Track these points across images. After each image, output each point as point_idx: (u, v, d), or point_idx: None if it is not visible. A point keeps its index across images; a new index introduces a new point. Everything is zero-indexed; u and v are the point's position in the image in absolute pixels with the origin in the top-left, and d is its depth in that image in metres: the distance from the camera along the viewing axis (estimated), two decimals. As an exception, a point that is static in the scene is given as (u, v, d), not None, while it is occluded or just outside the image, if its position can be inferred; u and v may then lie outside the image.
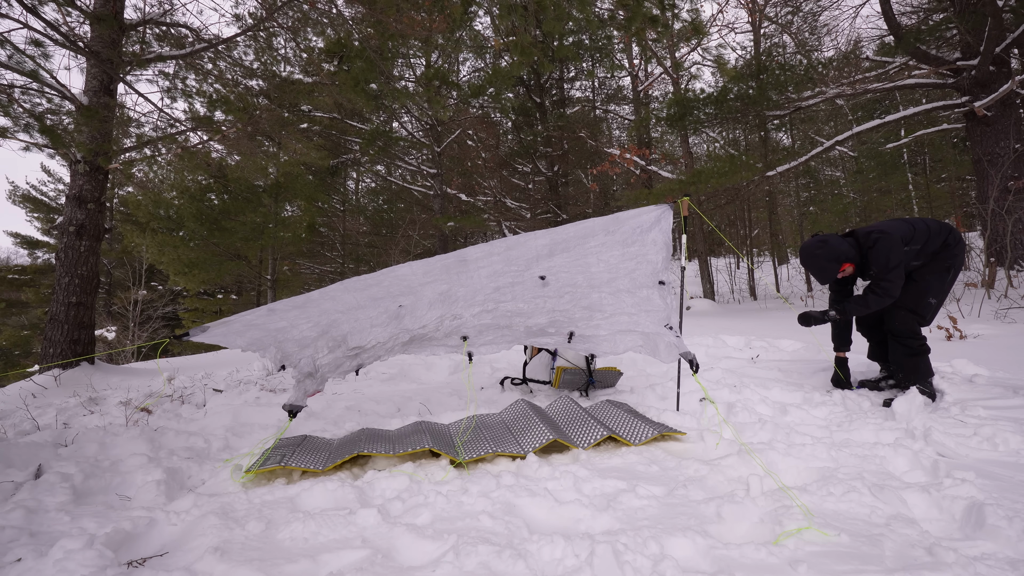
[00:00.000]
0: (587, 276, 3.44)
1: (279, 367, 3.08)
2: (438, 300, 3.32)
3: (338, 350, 3.20)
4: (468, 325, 3.40)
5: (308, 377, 3.08)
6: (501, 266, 3.31)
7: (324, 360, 3.16)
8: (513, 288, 3.41)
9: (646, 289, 3.41)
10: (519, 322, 3.48)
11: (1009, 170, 8.49)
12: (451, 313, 3.36)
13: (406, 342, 3.34)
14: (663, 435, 2.90)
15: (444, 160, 16.28)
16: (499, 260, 3.29)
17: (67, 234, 6.70)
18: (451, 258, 3.21)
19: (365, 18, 6.93)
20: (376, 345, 3.26)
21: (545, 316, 3.50)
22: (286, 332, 3.11)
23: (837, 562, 1.68)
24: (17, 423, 4.05)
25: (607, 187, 20.01)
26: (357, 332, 3.22)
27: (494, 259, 3.28)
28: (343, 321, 3.20)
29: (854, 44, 13.43)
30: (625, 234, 3.34)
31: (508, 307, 3.45)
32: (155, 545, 1.96)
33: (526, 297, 3.44)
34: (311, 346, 3.15)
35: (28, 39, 6.18)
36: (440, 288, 3.30)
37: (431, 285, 3.28)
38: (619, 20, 5.46)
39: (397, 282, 3.20)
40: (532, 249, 3.30)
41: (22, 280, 20.22)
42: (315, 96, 9.37)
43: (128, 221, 14.39)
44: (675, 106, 11.07)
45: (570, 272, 3.42)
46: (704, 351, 5.60)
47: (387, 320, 3.26)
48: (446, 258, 3.21)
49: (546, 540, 1.80)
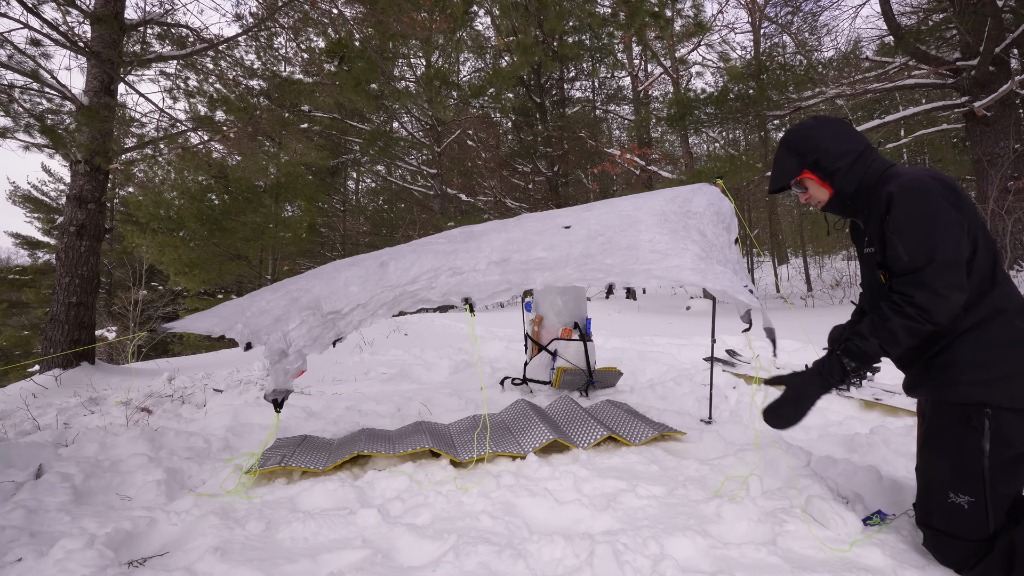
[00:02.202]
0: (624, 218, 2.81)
1: (245, 345, 2.69)
2: (433, 254, 2.77)
3: (311, 319, 2.74)
4: (471, 283, 2.69)
5: (282, 356, 2.68)
6: (518, 233, 2.83)
7: (296, 333, 2.71)
8: (528, 238, 2.78)
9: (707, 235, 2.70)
10: (537, 276, 2.69)
11: (1009, 170, 8.49)
12: (448, 266, 2.72)
13: (389, 301, 2.76)
14: (663, 435, 2.90)
15: (444, 160, 16.29)
16: (514, 225, 2.89)
17: (67, 234, 6.70)
18: (455, 232, 2.93)
19: (366, 18, 6.94)
20: (355, 308, 2.74)
21: (574, 266, 2.70)
22: (253, 303, 2.81)
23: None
24: (18, 423, 4.05)
25: (607, 187, 20.01)
26: (331, 295, 2.73)
27: (510, 226, 2.89)
28: (315, 286, 2.79)
29: (854, 44, 13.44)
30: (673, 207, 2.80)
31: (522, 257, 2.75)
32: (155, 545, 1.96)
33: (546, 245, 2.76)
34: (281, 319, 2.73)
35: (28, 39, 6.19)
36: (439, 246, 2.85)
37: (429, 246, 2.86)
38: (620, 20, 5.47)
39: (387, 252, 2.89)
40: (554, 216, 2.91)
41: (22, 280, 20.23)
42: (316, 96, 9.38)
43: (128, 221, 14.39)
44: (675, 106, 11.08)
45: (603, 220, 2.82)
46: (704, 351, 5.60)
47: (365, 277, 2.76)
48: (449, 233, 2.92)
49: (546, 540, 1.80)
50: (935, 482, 1.64)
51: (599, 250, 2.70)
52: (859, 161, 1.79)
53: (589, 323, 4.54)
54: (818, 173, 1.85)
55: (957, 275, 1.57)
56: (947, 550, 1.63)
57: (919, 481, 1.73)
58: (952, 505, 1.58)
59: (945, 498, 1.60)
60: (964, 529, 1.58)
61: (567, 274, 2.65)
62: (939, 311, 1.58)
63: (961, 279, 1.58)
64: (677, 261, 2.52)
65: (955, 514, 1.58)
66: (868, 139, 1.89)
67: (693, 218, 2.77)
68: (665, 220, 2.74)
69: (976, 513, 1.54)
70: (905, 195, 1.65)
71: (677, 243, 2.61)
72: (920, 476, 1.73)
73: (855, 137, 1.83)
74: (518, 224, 2.98)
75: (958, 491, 1.57)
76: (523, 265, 2.70)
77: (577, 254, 2.70)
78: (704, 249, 2.59)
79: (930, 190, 1.63)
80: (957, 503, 1.57)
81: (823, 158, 1.82)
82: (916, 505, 1.78)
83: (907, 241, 1.62)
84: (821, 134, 1.84)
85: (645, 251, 2.62)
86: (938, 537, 1.64)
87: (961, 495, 1.56)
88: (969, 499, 1.55)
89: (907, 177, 1.68)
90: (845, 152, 1.80)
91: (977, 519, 1.55)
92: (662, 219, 2.76)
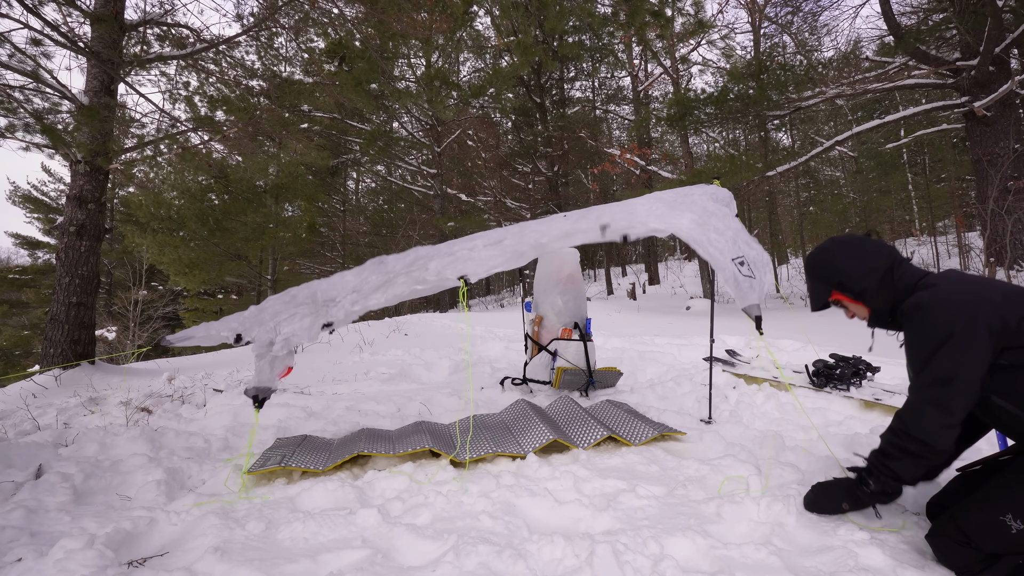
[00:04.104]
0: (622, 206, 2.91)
1: (235, 337, 2.63)
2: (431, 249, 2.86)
3: (303, 310, 2.74)
4: (464, 259, 2.78)
5: (268, 348, 2.61)
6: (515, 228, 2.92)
7: (287, 323, 2.68)
8: (523, 230, 2.84)
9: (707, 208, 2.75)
10: (532, 246, 2.77)
11: (1009, 170, 8.50)
12: (444, 251, 2.82)
13: (382, 284, 2.78)
14: (663, 435, 2.90)
15: (444, 160, 16.29)
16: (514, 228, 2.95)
17: (67, 234, 6.70)
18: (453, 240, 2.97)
19: (366, 18, 6.94)
20: (349, 294, 2.76)
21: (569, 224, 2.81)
22: (258, 311, 2.80)
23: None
24: (18, 423, 4.05)
25: (607, 187, 20.03)
26: (329, 287, 2.80)
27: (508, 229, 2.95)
28: (316, 284, 2.85)
29: (854, 44, 13.45)
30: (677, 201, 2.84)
31: (517, 240, 2.81)
32: (155, 545, 1.96)
33: (542, 230, 2.84)
34: (277, 314, 2.73)
35: (28, 39, 6.19)
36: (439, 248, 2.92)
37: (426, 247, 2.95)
38: (620, 19, 5.47)
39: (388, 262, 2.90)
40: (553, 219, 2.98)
41: (22, 280, 20.23)
42: (316, 96, 9.38)
43: (129, 221, 14.40)
44: (675, 106, 11.08)
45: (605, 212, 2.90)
46: (704, 351, 5.60)
47: (361, 269, 2.84)
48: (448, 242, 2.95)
49: (546, 540, 1.80)
50: (1000, 500, 1.58)
51: (596, 215, 2.81)
52: (886, 278, 1.77)
53: (589, 323, 4.54)
54: (847, 293, 1.84)
55: (942, 393, 1.56)
56: (956, 555, 1.61)
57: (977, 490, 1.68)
58: (1001, 523, 1.53)
59: (998, 515, 1.54)
60: (993, 544, 1.55)
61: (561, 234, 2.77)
62: (916, 424, 1.60)
63: (945, 399, 1.56)
64: (676, 221, 2.64)
65: (996, 532, 1.54)
66: (894, 249, 1.84)
67: (690, 196, 2.87)
68: (661, 199, 2.87)
69: (1018, 539, 1.51)
70: (916, 312, 1.64)
71: (674, 211, 2.72)
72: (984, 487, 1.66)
73: (878, 253, 1.81)
74: (518, 226, 3.02)
75: (1018, 517, 1.51)
76: (519, 244, 2.76)
77: (571, 226, 2.80)
78: (701, 217, 2.67)
79: (943, 307, 1.59)
80: (1007, 524, 1.53)
81: (846, 280, 1.82)
82: (933, 503, 1.81)
83: (910, 357, 1.66)
84: (839, 256, 1.84)
85: (642, 214, 2.74)
86: (955, 541, 1.61)
87: (1018, 521, 1.51)
88: (1023, 528, 1.50)
89: (927, 292, 1.65)
90: (868, 271, 1.78)
91: (1012, 543, 1.52)
92: (658, 199, 2.88)
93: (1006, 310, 1.55)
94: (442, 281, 2.75)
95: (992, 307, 1.56)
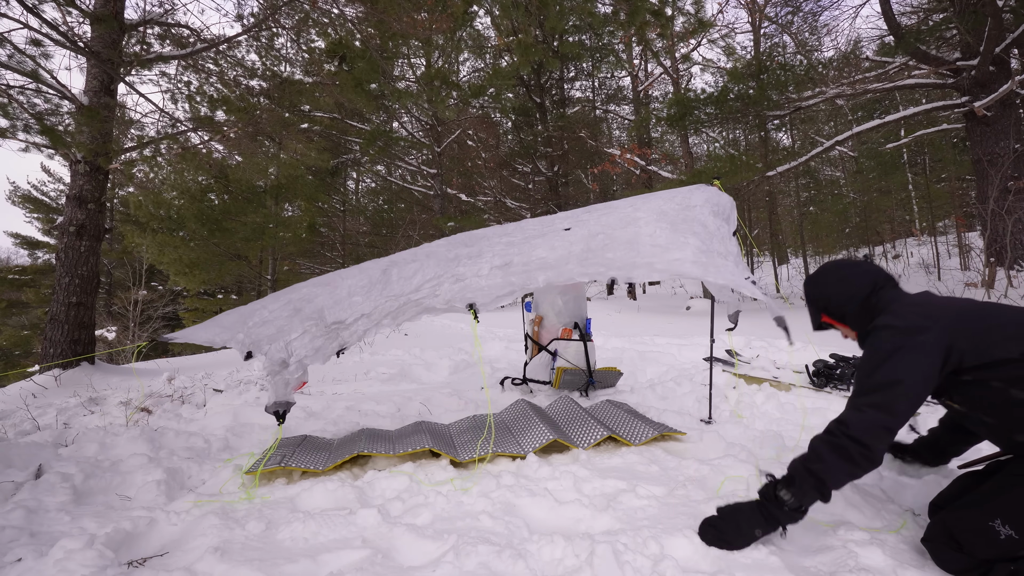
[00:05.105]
0: (623, 217, 2.86)
1: (246, 354, 2.64)
2: (436, 261, 2.82)
3: (314, 329, 2.73)
4: (474, 288, 2.71)
5: (282, 367, 2.65)
6: (518, 236, 2.89)
7: (299, 343, 2.68)
8: (529, 241, 2.80)
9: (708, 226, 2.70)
10: (540, 276, 2.69)
11: (1009, 170, 8.49)
12: (451, 273, 2.76)
13: (393, 311, 2.75)
14: (663, 435, 2.90)
15: (444, 160, 16.29)
16: (514, 229, 2.96)
17: (67, 234, 6.70)
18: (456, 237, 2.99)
19: (366, 18, 6.94)
20: (359, 318, 2.73)
21: (576, 262, 2.68)
22: (255, 313, 2.79)
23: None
24: (17, 423, 4.05)
25: (607, 187, 20.03)
26: (335, 305, 2.74)
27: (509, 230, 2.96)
28: (318, 294, 2.79)
29: (854, 44, 13.45)
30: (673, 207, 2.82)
31: (524, 259, 2.75)
32: (155, 545, 1.96)
33: (547, 246, 2.78)
34: (284, 330, 2.71)
35: (28, 39, 6.18)
36: (439, 253, 2.87)
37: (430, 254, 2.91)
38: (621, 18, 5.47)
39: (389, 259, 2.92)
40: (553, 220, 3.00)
41: (22, 280, 20.21)
42: (316, 96, 9.38)
43: (128, 221, 14.37)
44: (675, 106, 11.08)
45: (603, 220, 2.87)
46: (704, 351, 5.60)
47: (369, 286, 2.77)
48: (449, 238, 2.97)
49: (546, 540, 1.80)
50: (989, 504, 1.59)
51: (600, 245, 2.71)
52: (865, 304, 1.85)
53: (589, 323, 4.54)
54: (832, 316, 1.94)
55: (887, 396, 1.59)
56: (951, 559, 1.62)
57: (971, 494, 1.69)
58: (990, 529, 1.54)
59: (987, 521, 1.56)
60: (982, 551, 1.56)
61: (569, 270, 2.64)
62: (856, 423, 1.62)
63: (889, 400, 1.59)
64: (678, 254, 2.55)
65: (984, 538, 1.55)
66: (880, 274, 1.88)
67: (692, 211, 2.81)
68: (664, 215, 2.79)
69: (1007, 545, 1.52)
70: (870, 333, 1.74)
71: (678, 236, 2.65)
72: (974, 492, 1.68)
73: (861, 280, 1.87)
74: (518, 228, 3.02)
75: (1007, 523, 1.53)
76: (525, 267, 2.70)
77: (578, 251, 2.70)
78: (705, 241, 2.62)
79: (894, 327, 1.67)
80: (996, 530, 1.54)
81: (829, 305, 1.92)
82: (935, 504, 1.82)
83: (858, 374, 1.72)
84: (825, 280, 1.95)
85: (646, 245, 2.64)
86: (948, 547, 1.62)
87: (1007, 527, 1.53)
88: (1011, 533, 1.51)
89: (884, 315, 1.74)
90: (849, 298, 1.87)
91: (1001, 549, 1.53)
92: (661, 215, 2.80)
93: (960, 327, 1.61)
94: (451, 308, 2.77)
95: (943, 325, 1.61)
